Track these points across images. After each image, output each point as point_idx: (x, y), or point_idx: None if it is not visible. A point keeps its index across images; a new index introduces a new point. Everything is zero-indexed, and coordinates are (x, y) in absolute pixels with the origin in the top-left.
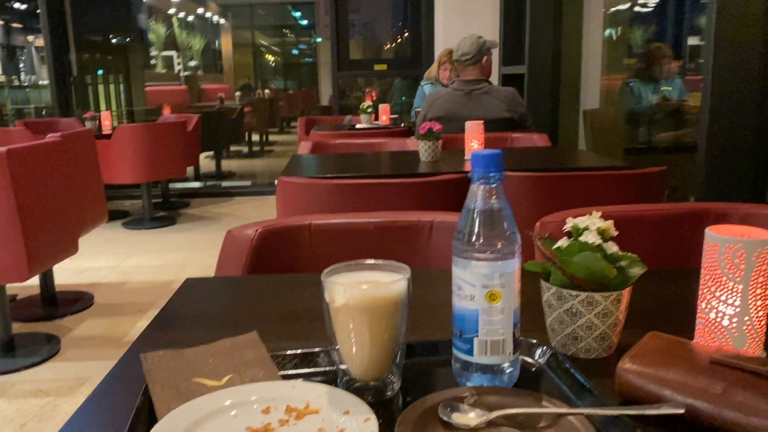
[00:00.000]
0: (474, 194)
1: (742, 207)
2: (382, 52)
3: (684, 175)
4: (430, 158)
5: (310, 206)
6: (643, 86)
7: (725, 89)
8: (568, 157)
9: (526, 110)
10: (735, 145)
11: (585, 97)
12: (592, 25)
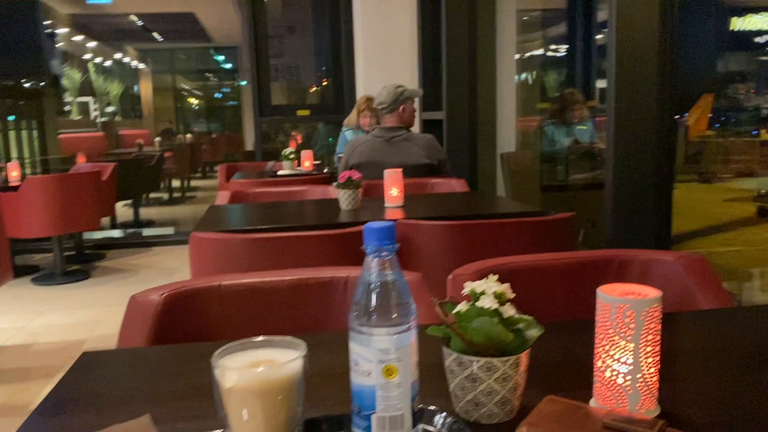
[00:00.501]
0: (368, 267)
1: (643, 253)
2: (307, 96)
3: (600, 211)
4: (350, 206)
5: (226, 263)
6: (556, 129)
7: (627, 132)
8: (485, 203)
9: (444, 156)
10: (638, 186)
11: (501, 141)
12: (505, 71)
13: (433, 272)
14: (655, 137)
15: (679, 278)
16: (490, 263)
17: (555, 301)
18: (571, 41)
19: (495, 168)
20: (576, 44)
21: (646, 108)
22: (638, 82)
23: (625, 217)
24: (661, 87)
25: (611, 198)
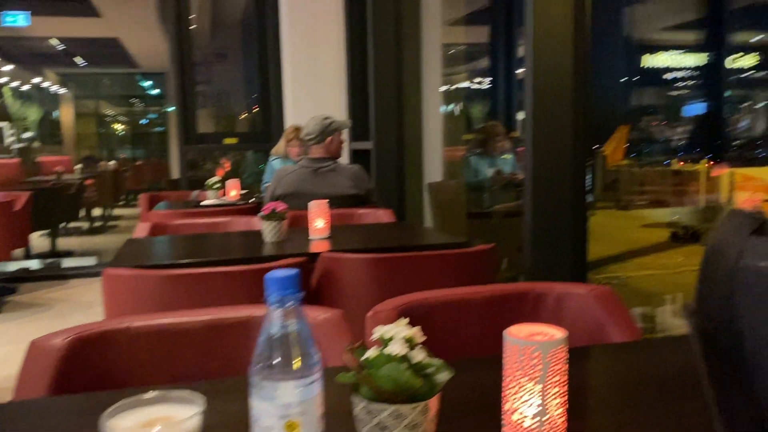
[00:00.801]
0: (270, 318)
1: (557, 286)
2: (236, 124)
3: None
4: (275, 239)
5: (141, 302)
6: (480, 160)
7: (543, 163)
8: (410, 234)
9: (372, 186)
10: (555, 215)
11: (429, 171)
12: (431, 103)
13: (359, 307)
14: (570, 168)
15: (590, 310)
16: (409, 299)
17: (474, 336)
18: (494, 75)
19: (422, 197)
20: (498, 78)
21: (561, 140)
22: (553, 116)
23: (543, 245)
24: (575, 120)
25: (530, 227)
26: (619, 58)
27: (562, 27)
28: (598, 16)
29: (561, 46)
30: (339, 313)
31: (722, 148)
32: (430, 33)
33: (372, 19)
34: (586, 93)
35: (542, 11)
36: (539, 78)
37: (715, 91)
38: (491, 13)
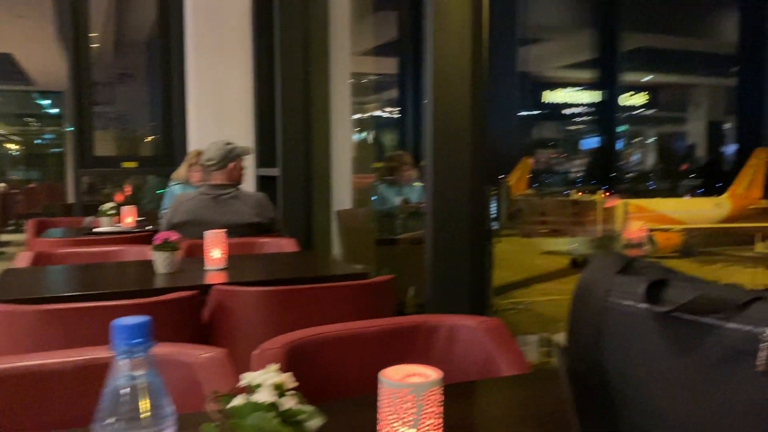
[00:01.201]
0: (117, 369)
1: (449, 318)
2: (140, 147)
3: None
4: (167, 270)
5: (13, 341)
6: (388, 188)
7: (443, 194)
8: (311, 265)
9: (275, 215)
10: (454, 245)
11: (337, 198)
12: (340, 130)
13: (253, 343)
14: (469, 198)
15: (481, 343)
16: (300, 335)
17: (366, 372)
18: (403, 105)
19: (330, 225)
20: (407, 108)
21: (460, 171)
22: (452, 148)
23: (442, 275)
24: (474, 151)
25: (430, 256)
26: (525, 94)
27: (460, 63)
28: (499, 53)
29: (459, 81)
30: (223, 352)
31: (616, 180)
32: (339, 62)
33: (280, 46)
34: (484, 125)
35: (441, 48)
36: (439, 110)
37: (609, 127)
38: (400, 45)
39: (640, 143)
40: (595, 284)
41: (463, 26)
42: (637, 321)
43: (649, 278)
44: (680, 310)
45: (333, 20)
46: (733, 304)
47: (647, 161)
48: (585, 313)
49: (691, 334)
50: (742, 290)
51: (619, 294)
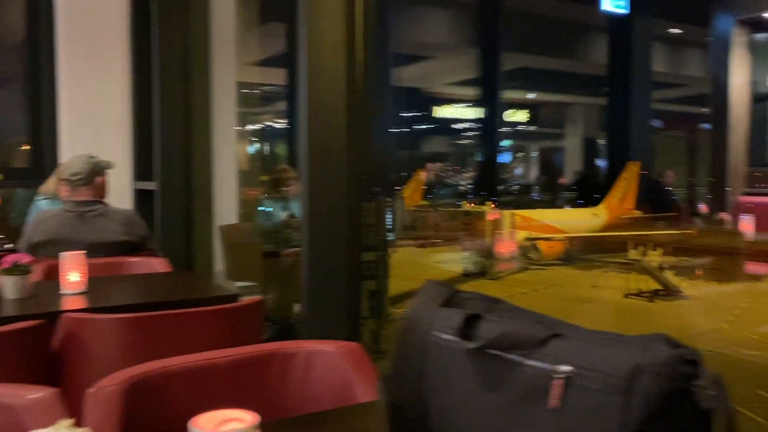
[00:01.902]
0: None
1: (307, 344)
2: (12, 157)
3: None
4: (17, 295)
5: None
6: (273, 203)
7: (319, 211)
8: (179, 287)
9: (147, 232)
10: (331, 260)
11: (221, 213)
12: (224, 142)
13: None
14: (346, 214)
15: (339, 369)
16: (142, 369)
17: (218, 404)
18: (292, 116)
19: (212, 241)
20: (295, 119)
21: (336, 187)
22: (329, 163)
23: (320, 289)
24: (351, 167)
25: (307, 273)
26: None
27: (334, 79)
28: (386, 68)
29: (333, 97)
30: (54, 393)
31: (503, 192)
32: (223, 72)
33: (158, 54)
34: (362, 141)
35: (315, 64)
36: (313, 127)
37: (492, 142)
38: (289, 56)
39: (523, 158)
40: (419, 317)
41: (337, 43)
42: (454, 356)
43: (466, 312)
44: (487, 347)
45: (215, 29)
46: (534, 341)
47: (531, 174)
48: (409, 346)
49: (498, 370)
50: (547, 326)
51: (439, 327)
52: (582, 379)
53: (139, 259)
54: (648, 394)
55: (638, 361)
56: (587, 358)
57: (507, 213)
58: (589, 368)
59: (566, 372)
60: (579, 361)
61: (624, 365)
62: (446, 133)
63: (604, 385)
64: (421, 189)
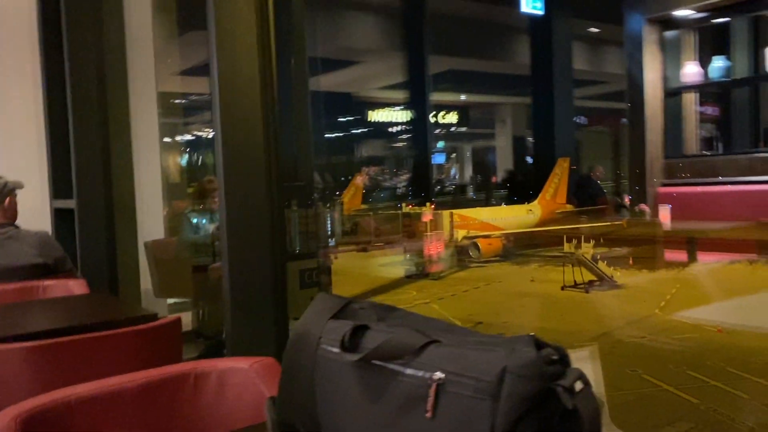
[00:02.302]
0: None
1: (220, 363)
2: None
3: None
4: None
5: None
6: (200, 216)
7: (239, 223)
8: (95, 309)
9: (62, 253)
10: (253, 273)
11: (147, 228)
12: (146, 155)
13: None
14: (268, 224)
15: (254, 385)
16: (41, 401)
17: (131, 430)
18: None
19: (137, 258)
20: None
21: (256, 200)
22: (245, 173)
23: (244, 302)
24: (269, 178)
25: (229, 286)
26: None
27: (249, 85)
28: (306, 74)
29: (249, 105)
30: None
31: (439, 193)
32: (143, 82)
33: (70, 66)
34: (278, 149)
35: (226, 74)
36: (228, 138)
37: (423, 144)
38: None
39: (457, 158)
40: (309, 331)
41: (249, 49)
42: (342, 369)
43: (354, 324)
44: (368, 358)
45: (131, 40)
46: (410, 349)
47: (466, 174)
48: (298, 362)
49: (381, 381)
50: (430, 332)
51: (328, 341)
52: (454, 386)
53: (55, 282)
54: (513, 397)
55: (504, 364)
56: (459, 364)
57: (445, 213)
58: (460, 374)
59: (439, 379)
60: (451, 367)
61: (492, 369)
62: (382, 137)
63: (474, 390)
64: (360, 193)
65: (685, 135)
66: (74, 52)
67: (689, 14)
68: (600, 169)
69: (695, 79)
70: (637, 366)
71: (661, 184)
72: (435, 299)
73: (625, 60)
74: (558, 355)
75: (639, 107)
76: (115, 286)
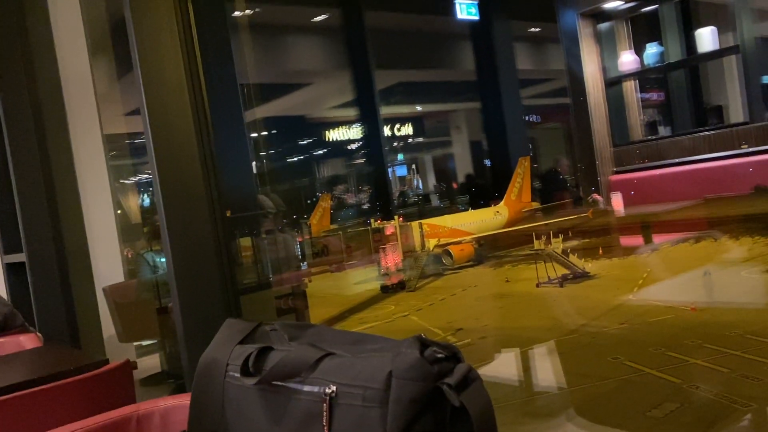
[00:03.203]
0: None
1: (162, 401)
2: None
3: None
4: None
5: None
6: (156, 255)
7: (184, 257)
8: (46, 362)
9: (11, 309)
10: (206, 311)
11: (104, 273)
12: (96, 199)
13: None
14: (214, 258)
15: None
16: None
17: None
18: None
19: (96, 305)
20: None
21: (200, 235)
22: (187, 207)
23: (197, 338)
24: (212, 211)
25: (181, 322)
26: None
27: (179, 119)
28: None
29: (181, 135)
30: None
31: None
32: (86, 126)
33: (4, 117)
34: (218, 181)
35: (157, 103)
36: (164, 169)
37: (380, 158)
38: None
39: (418, 168)
40: (217, 358)
41: (176, 82)
42: (247, 393)
43: (257, 347)
44: (265, 380)
45: (69, 84)
46: (305, 365)
47: (429, 183)
48: (207, 390)
49: (282, 401)
50: (331, 344)
51: (234, 367)
52: (346, 397)
53: (6, 339)
54: (401, 401)
55: (390, 369)
56: (349, 374)
57: (414, 224)
58: (351, 384)
59: (332, 392)
60: (342, 378)
61: (378, 375)
62: (341, 155)
63: (363, 399)
64: (327, 214)
65: (629, 122)
66: (8, 102)
67: (619, 5)
68: (565, 162)
69: (632, 67)
70: (618, 353)
71: (613, 172)
72: (413, 311)
73: (564, 55)
74: (445, 352)
75: (582, 100)
76: (76, 336)
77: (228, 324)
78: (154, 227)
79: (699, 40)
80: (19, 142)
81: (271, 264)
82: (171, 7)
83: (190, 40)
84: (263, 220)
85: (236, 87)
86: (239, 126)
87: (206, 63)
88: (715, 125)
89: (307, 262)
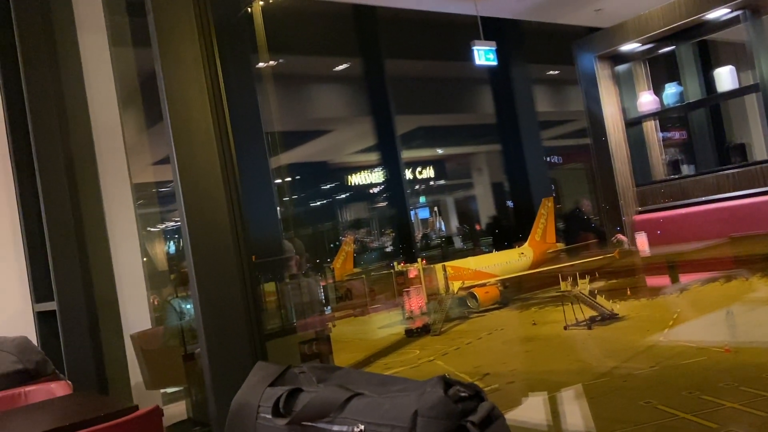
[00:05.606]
0: None
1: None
2: None
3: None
4: None
5: None
6: (183, 301)
7: (214, 309)
8: (77, 410)
9: (42, 357)
10: (233, 354)
11: (132, 321)
12: (124, 248)
13: None
14: (242, 307)
15: None
16: None
17: None
18: None
19: (124, 352)
20: None
21: (228, 282)
22: (214, 254)
23: (225, 384)
24: (238, 257)
25: (209, 368)
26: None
27: (207, 168)
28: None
29: (209, 184)
30: None
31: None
32: (116, 176)
33: (39, 170)
34: (246, 229)
35: (186, 151)
36: (193, 217)
37: (402, 201)
38: None
39: (440, 211)
40: (248, 401)
41: (204, 130)
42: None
43: (287, 389)
44: (295, 420)
45: (99, 135)
46: (333, 406)
47: (452, 225)
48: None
49: None
50: (358, 385)
51: (265, 408)
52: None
53: (38, 387)
54: None
55: (415, 408)
56: (377, 413)
57: (438, 267)
58: (378, 423)
59: (360, 431)
60: (370, 417)
61: (404, 414)
62: (363, 199)
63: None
64: (351, 257)
65: (651, 162)
66: (42, 155)
67: (636, 47)
68: (587, 202)
69: (652, 107)
70: (651, 397)
71: (636, 211)
72: (439, 355)
73: (583, 97)
74: (469, 391)
75: (603, 140)
76: (104, 383)
77: (259, 367)
78: (181, 273)
79: (718, 79)
80: (52, 194)
81: (295, 309)
82: (199, 60)
83: (218, 90)
84: (287, 264)
85: (262, 135)
86: (265, 173)
87: (233, 112)
88: (738, 163)
89: (330, 306)
